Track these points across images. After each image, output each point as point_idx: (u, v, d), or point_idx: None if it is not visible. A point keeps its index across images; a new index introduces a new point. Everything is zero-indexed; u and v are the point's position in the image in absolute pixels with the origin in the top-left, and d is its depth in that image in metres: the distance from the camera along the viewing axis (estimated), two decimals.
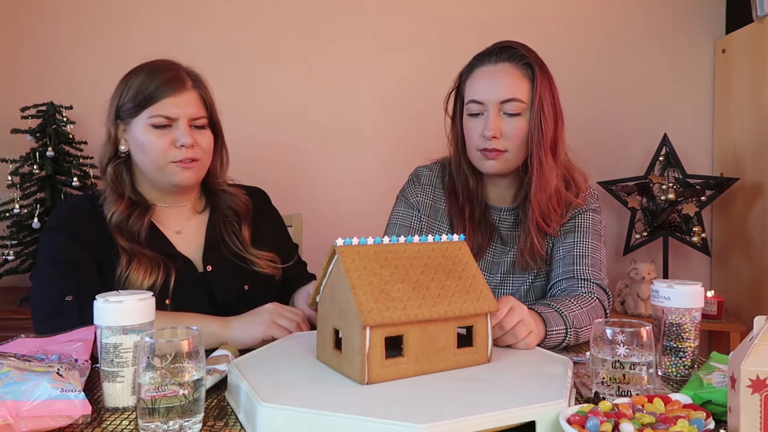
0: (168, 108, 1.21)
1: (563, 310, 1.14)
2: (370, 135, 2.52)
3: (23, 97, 2.19)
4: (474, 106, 1.26)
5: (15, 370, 0.78)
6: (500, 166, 1.28)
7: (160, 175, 1.24)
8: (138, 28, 2.41)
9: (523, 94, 1.24)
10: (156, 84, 1.21)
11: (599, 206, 1.37)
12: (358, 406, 0.72)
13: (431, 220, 1.39)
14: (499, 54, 1.27)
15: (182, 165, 1.22)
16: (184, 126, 1.22)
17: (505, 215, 1.38)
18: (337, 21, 2.50)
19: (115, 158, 1.27)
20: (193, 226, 1.34)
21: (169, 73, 1.24)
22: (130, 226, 1.22)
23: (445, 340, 0.86)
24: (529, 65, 1.25)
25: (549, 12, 2.55)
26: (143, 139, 1.21)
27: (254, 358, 0.93)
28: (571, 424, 0.68)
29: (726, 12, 2.56)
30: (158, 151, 1.21)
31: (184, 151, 1.21)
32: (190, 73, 1.28)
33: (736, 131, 2.43)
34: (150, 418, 0.72)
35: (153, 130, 1.21)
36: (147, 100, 1.21)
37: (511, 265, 1.36)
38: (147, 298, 0.86)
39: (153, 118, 1.20)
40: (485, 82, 1.26)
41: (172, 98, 1.21)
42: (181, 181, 1.24)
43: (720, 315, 2.23)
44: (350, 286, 0.81)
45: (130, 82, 1.24)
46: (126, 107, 1.23)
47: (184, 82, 1.24)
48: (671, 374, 0.98)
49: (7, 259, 2.10)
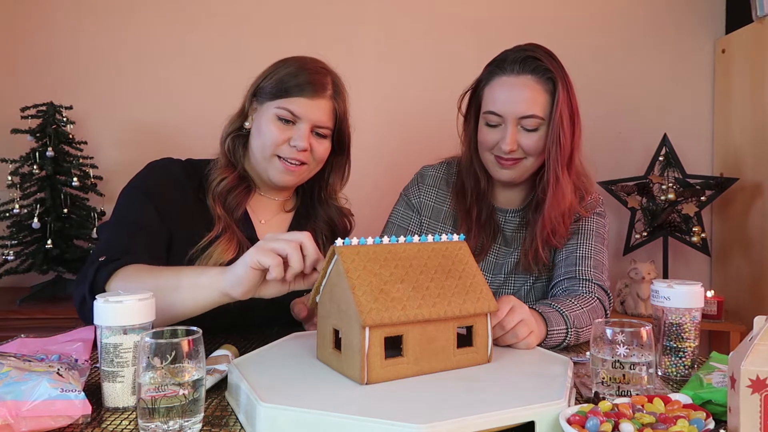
0: (298, 107, 1.22)
1: (564, 310, 1.14)
2: (370, 135, 2.52)
3: (23, 97, 2.18)
4: (492, 118, 1.25)
5: (15, 370, 0.78)
6: (515, 174, 1.28)
7: (264, 165, 1.25)
8: (138, 29, 2.41)
9: (543, 109, 1.22)
10: (298, 81, 1.23)
11: (604, 210, 1.37)
12: (357, 406, 0.72)
13: (433, 222, 1.39)
14: (522, 65, 1.23)
15: (286, 165, 1.24)
16: (305, 129, 1.22)
17: (511, 217, 1.37)
18: (337, 21, 2.50)
19: (238, 132, 1.29)
20: (277, 221, 1.35)
21: (315, 75, 1.25)
22: (232, 200, 1.24)
23: (445, 340, 0.86)
24: (551, 80, 1.22)
25: (549, 12, 2.55)
26: (264, 126, 1.23)
27: (254, 358, 0.93)
28: (571, 424, 0.68)
29: (726, 12, 2.56)
30: (272, 141, 1.22)
31: (295, 151, 1.23)
32: (335, 83, 1.29)
33: (736, 131, 2.43)
34: (150, 418, 0.72)
35: (277, 121, 1.22)
36: (283, 92, 1.22)
37: (513, 266, 1.36)
38: (147, 298, 0.86)
39: (281, 110, 1.22)
40: (506, 94, 1.23)
41: (305, 99, 1.22)
42: (280, 180, 1.26)
43: (720, 315, 2.23)
44: (349, 286, 0.81)
45: (279, 69, 1.26)
46: (264, 90, 1.25)
47: (324, 88, 1.24)
48: (671, 374, 0.98)
49: (7, 259, 2.11)
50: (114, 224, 1.20)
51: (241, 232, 1.23)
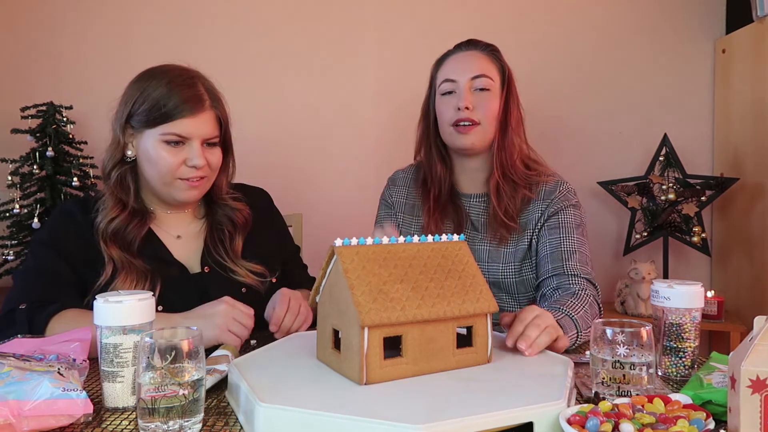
0: (184, 128, 1.18)
1: (573, 314, 1.15)
2: (371, 135, 2.52)
3: (23, 97, 2.18)
4: (447, 85, 1.35)
5: (16, 369, 0.78)
6: (474, 138, 1.33)
7: (166, 190, 1.23)
8: (138, 28, 2.41)
9: (492, 73, 1.35)
10: (174, 102, 1.18)
11: (578, 201, 1.40)
12: (356, 406, 0.72)
13: (407, 216, 1.47)
14: (467, 44, 1.39)
15: (189, 183, 1.22)
16: (198, 147, 1.20)
17: (476, 201, 1.42)
18: (338, 21, 2.50)
19: (122, 164, 1.24)
20: (193, 230, 1.33)
21: (188, 90, 1.20)
22: (126, 234, 1.21)
23: (445, 340, 0.86)
24: (495, 53, 1.38)
25: (549, 12, 2.55)
26: (153, 154, 1.19)
27: (254, 358, 0.93)
28: (571, 424, 0.68)
29: (726, 12, 2.56)
30: (168, 167, 1.19)
31: (194, 170, 1.21)
32: (209, 90, 1.25)
33: (736, 131, 2.43)
34: (150, 418, 0.72)
35: (165, 146, 1.19)
36: (163, 117, 1.18)
37: (487, 253, 1.38)
38: (147, 298, 0.86)
39: (167, 135, 1.18)
40: (456, 63, 1.37)
41: (189, 119, 1.18)
42: (185, 198, 1.24)
43: (720, 315, 2.23)
44: (348, 287, 0.81)
45: (147, 92, 1.19)
46: (139, 117, 1.20)
47: (202, 102, 1.21)
48: (671, 374, 0.98)
49: (7, 259, 2.10)
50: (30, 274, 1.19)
51: (143, 262, 1.20)
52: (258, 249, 1.36)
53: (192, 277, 1.27)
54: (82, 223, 1.23)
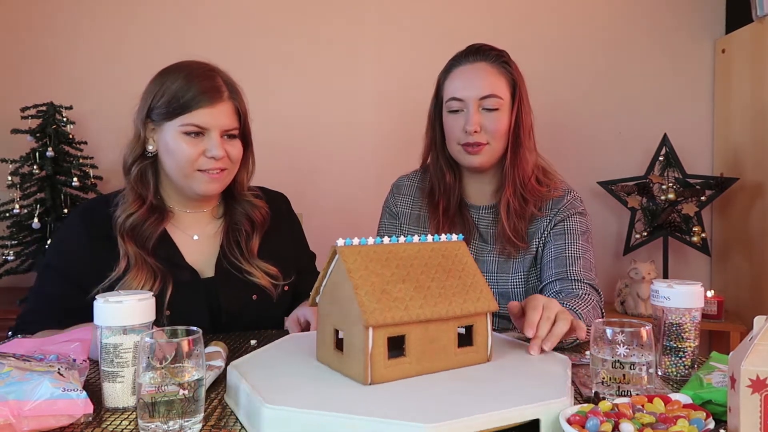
0: (202, 118, 1.19)
1: (578, 310, 1.15)
2: (371, 135, 2.53)
3: (23, 97, 2.19)
4: (454, 104, 1.31)
5: (16, 369, 0.78)
6: (482, 159, 1.31)
7: (186, 182, 1.23)
8: (138, 29, 2.41)
9: (501, 90, 1.30)
10: (192, 93, 1.18)
11: (585, 209, 1.40)
12: (364, 406, 0.72)
13: (413, 227, 1.43)
14: (475, 54, 1.33)
15: (209, 175, 1.22)
16: (216, 137, 1.20)
17: (485, 213, 1.40)
18: (337, 21, 2.50)
19: (142, 158, 1.24)
20: (211, 231, 1.33)
21: (206, 82, 1.21)
22: (143, 231, 1.21)
23: (446, 339, 0.86)
24: (505, 63, 1.32)
25: (549, 13, 2.56)
26: (173, 145, 1.20)
27: (252, 359, 0.93)
28: (571, 424, 0.68)
29: (726, 12, 2.56)
30: (187, 158, 1.19)
31: (214, 161, 1.21)
32: (228, 82, 1.25)
33: (736, 131, 2.43)
34: (150, 419, 0.72)
35: (184, 137, 1.19)
36: (182, 108, 1.18)
37: (496, 264, 1.37)
38: (147, 298, 0.86)
39: (186, 126, 1.18)
40: (464, 81, 1.31)
41: (207, 109, 1.19)
42: (206, 191, 1.24)
43: (720, 315, 2.23)
44: (352, 287, 0.81)
45: (166, 85, 1.20)
46: (159, 110, 1.21)
47: (221, 93, 1.21)
48: (671, 374, 0.98)
49: (7, 259, 2.11)
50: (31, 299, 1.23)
51: (156, 261, 1.20)
52: (274, 251, 1.35)
53: (202, 282, 1.26)
54: (83, 235, 1.22)
